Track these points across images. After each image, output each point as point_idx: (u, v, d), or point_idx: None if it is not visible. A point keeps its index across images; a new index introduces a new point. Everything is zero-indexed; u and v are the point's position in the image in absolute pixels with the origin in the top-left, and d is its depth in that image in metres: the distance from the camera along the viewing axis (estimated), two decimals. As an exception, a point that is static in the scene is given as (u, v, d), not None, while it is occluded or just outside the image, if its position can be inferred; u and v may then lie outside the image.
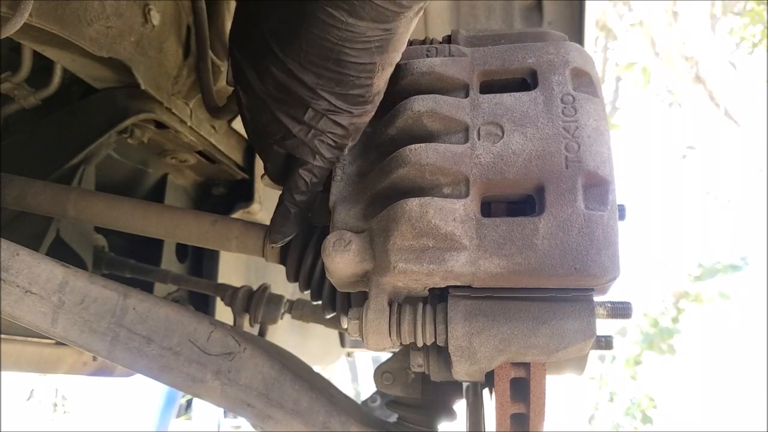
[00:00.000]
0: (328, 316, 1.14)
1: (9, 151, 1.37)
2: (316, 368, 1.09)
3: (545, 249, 0.67)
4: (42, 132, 1.41)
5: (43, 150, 1.40)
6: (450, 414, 1.01)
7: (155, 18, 1.27)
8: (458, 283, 0.72)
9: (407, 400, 1.01)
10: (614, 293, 0.74)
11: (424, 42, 0.89)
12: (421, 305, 0.76)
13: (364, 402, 1.42)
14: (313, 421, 0.91)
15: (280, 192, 0.87)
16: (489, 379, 0.79)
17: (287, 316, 1.44)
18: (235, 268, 1.92)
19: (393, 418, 1.05)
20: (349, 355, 3.05)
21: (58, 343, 1.46)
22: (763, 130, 7.65)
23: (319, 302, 1.08)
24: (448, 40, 0.87)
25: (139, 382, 2.62)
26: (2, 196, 1.14)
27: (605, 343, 0.80)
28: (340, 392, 1.03)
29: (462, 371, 0.76)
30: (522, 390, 0.76)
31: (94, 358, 1.81)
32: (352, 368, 7.26)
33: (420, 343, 0.75)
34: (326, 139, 0.79)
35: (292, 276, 1.13)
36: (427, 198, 0.70)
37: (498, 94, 0.76)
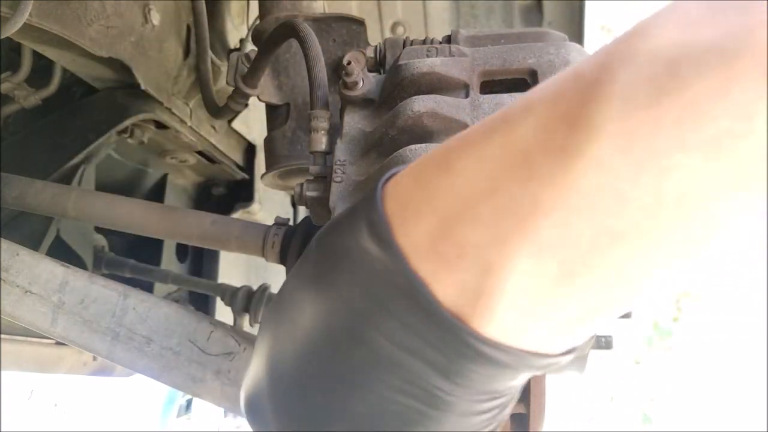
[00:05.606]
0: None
1: (9, 151, 1.37)
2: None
3: (545, 249, 0.67)
4: (42, 132, 1.41)
5: (43, 150, 1.40)
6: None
7: (155, 18, 1.27)
8: (458, 283, 0.72)
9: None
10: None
11: (424, 42, 0.89)
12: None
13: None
14: (313, 421, 0.91)
15: (280, 192, 0.87)
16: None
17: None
18: (235, 268, 1.92)
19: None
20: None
21: (58, 343, 1.46)
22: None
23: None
24: (448, 40, 0.87)
25: (139, 382, 2.62)
26: (2, 196, 1.13)
27: (605, 342, 0.80)
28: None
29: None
30: (522, 390, 0.76)
31: (94, 358, 1.81)
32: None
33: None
34: None
35: (292, 276, 1.13)
36: (427, 198, 0.70)
37: (498, 95, 0.76)
